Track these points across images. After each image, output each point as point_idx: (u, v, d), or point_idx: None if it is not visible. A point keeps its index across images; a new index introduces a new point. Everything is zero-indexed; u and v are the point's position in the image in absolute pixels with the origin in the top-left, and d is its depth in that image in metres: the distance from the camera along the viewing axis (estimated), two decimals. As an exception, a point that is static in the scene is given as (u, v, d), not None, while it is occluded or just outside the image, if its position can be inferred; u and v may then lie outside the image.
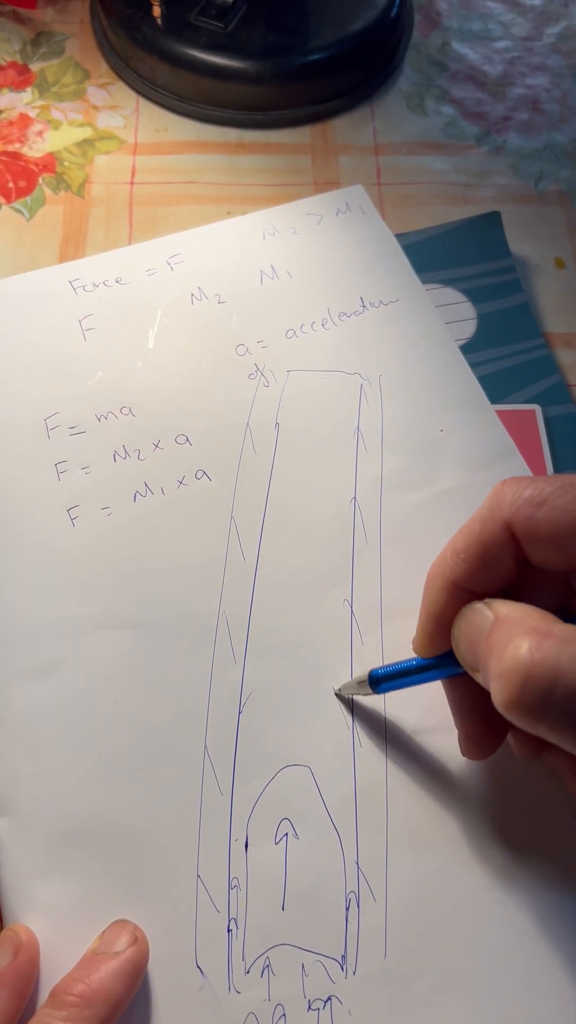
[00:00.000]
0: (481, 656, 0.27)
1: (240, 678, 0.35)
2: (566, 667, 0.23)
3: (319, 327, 0.43)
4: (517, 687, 0.24)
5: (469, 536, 0.29)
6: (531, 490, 0.27)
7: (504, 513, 0.28)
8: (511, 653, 0.24)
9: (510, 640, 0.25)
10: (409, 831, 0.32)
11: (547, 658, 0.24)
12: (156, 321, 0.43)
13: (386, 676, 0.32)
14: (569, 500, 0.27)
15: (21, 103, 0.53)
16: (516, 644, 0.24)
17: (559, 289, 0.48)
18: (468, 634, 0.28)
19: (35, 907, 0.31)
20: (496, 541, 0.28)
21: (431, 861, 0.32)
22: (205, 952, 0.30)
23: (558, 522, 0.27)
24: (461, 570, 0.29)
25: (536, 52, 0.58)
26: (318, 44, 0.53)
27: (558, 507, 0.27)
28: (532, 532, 0.27)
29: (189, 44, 0.52)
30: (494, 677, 0.25)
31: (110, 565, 0.36)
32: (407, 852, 0.32)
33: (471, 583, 0.29)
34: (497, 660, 0.25)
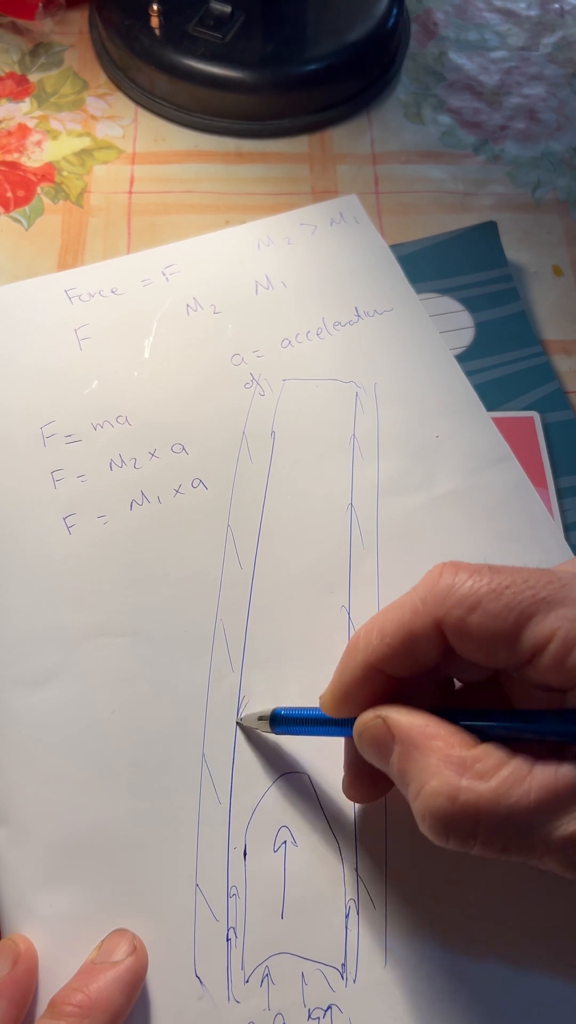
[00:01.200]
0: (394, 774, 0.27)
1: (238, 686, 0.35)
2: (485, 808, 0.24)
3: (314, 336, 0.43)
4: (442, 831, 0.25)
5: (398, 623, 0.28)
6: (465, 589, 0.27)
7: (436, 611, 0.27)
8: (430, 797, 0.25)
9: (425, 775, 0.25)
10: (408, 837, 0.32)
11: (466, 804, 0.24)
12: (152, 331, 0.43)
13: (287, 719, 0.32)
14: (501, 607, 0.26)
15: (20, 113, 0.54)
16: (434, 788, 0.25)
17: (557, 296, 0.48)
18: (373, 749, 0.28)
19: (33, 917, 0.31)
20: (423, 634, 0.27)
21: (431, 868, 0.32)
22: (204, 961, 0.30)
23: (489, 629, 0.26)
24: (382, 653, 0.28)
25: (532, 62, 0.58)
26: (316, 54, 0.54)
27: (490, 613, 0.26)
28: (462, 634, 0.27)
29: (187, 54, 0.52)
30: (416, 813, 0.26)
31: (106, 573, 0.37)
32: (407, 859, 0.32)
33: (390, 667, 0.28)
34: (415, 797, 0.26)
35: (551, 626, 0.25)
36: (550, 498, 0.40)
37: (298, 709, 0.32)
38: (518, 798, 0.24)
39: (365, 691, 0.29)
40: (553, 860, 0.24)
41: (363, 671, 0.28)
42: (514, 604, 0.26)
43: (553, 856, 0.24)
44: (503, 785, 0.24)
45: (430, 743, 0.26)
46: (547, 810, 0.24)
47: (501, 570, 0.27)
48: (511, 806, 0.24)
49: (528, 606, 0.26)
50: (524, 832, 0.24)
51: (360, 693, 0.29)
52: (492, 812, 0.24)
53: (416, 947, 0.31)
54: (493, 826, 0.24)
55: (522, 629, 0.26)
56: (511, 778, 0.24)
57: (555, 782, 0.24)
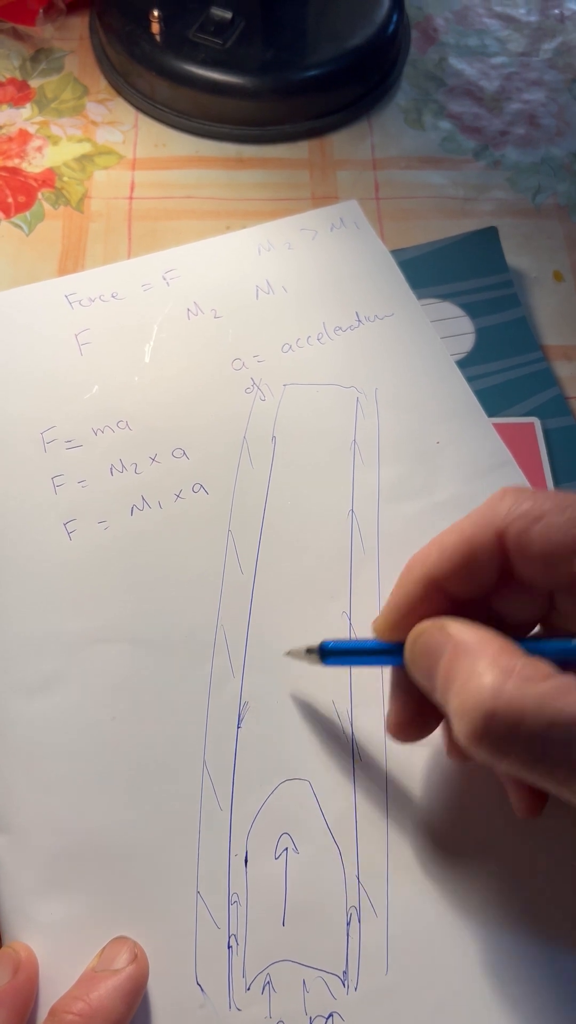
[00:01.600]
0: (439, 683, 0.26)
1: (239, 692, 0.34)
2: (529, 710, 0.23)
3: (315, 341, 0.43)
4: (479, 727, 0.24)
5: (459, 537, 0.28)
6: (529, 504, 0.27)
7: (498, 522, 0.27)
8: (474, 691, 0.24)
9: (472, 674, 0.25)
10: (410, 844, 0.32)
11: (511, 700, 0.24)
12: (152, 336, 0.43)
13: (335, 650, 0.32)
14: (565, 520, 0.26)
15: (20, 119, 0.54)
16: (478, 682, 0.24)
17: (557, 302, 0.48)
18: (424, 657, 0.27)
19: (34, 925, 0.31)
20: (485, 548, 0.28)
21: (432, 875, 0.32)
22: (205, 969, 0.30)
23: (552, 540, 0.26)
24: (442, 569, 0.28)
25: (532, 67, 0.58)
26: (316, 60, 0.54)
27: (553, 525, 0.26)
28: (524, 547, 0.27)
29: (188, 60, 0.52)
30: (455, 711, 0.25)
31: (107, 579, 0.36)
32: (408, 866, 0.32)
33: (449, 583, 0.28)
34: (457, 695, 0.25)
35: None
36: (551, 503, 0.40)
37: (347, 641, 0.32)
38: (564, 706, 0.23)
39: (422, 610, 0.28)
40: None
41: (421, 587, 0.28)
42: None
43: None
44: (550, 692, 0.24)
45: (483, 648, 0.25)
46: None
47: (563, 493, 0.27)
48: (555, 713, 0.23)
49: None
50: (563, 745, 0.23)
51: (417, 612, 0.29)
52: (535, 715, 0.23)
53: (418, 955, 0.30)
54: (533, 733, 0.23)
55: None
56: (559, 688, 0.24)
57: None
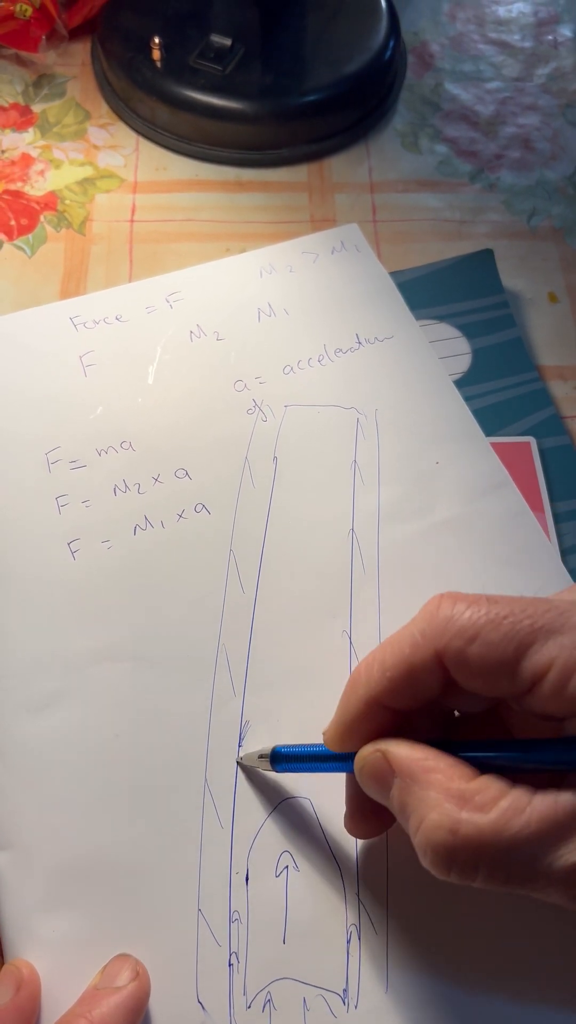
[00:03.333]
0: (395, 809, 0.27)
1: (240, 710, 0.35)
2: (487, 840, 0.24)
3: (316, 363, 0.43)
4: (444, 864, 0.25)
5: (398, 656, 0.28)
6: (464, 620, 0.27)
7: (435, 643, 0.27)
8: (431, 830, 0.25)
9: (426, 809, 0.25)
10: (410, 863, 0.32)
11: (469, 836, 0.24)
12: (156, 357, 0.43)
13: (287, 756, 0.32)
14: (500, 637, 0.26)
15: (23, 143, 0.54)
16: (435, 820, 0.25)
17: (553, 323, 0.49)
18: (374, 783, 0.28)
19: (36, 942, 0.31)
20: (424, 666, 0.27)
21: (432, 892, 0.32)
22: (206, 986, 0.30)
23: (490, 659, 0.26)
24: (383, 687, 0.28)
25: (527, 92, 0.59)
26: (314, 85, 0.54)
27: (490, 643, 0.26)
28: (463, 665, 0.27)
29: (188, 86, 0.53)
30: (417, 847, 0.26)
31: (110, 598, 0.37)
32: (408, 884, 0.32)
33: (392, 700, 0.28)
34: (416, 831, 0.26)
35: (549, 654, 0.25)
36: (547, 522, 0.41)
37: (298, 747, 0.32)
38: (519, 829, 0.24)
39: (367, 725, 0.29)
40: (556, 891, 0.24)
41: (365, 706, 0.28)
42: (512, 634, 0.26)
43: (556, 887, 0.24)
44: (503, 816, 0.24)
45: (429, 776, 0.26)
46: (548, 840, 0.24)
47: (499, 600, 0.27)
48: (512, 837, 0.24)
49: (526, 635, 0.26)
50: (526, 863, 0.24)
51: (363, 728, 0.29)
52: (493, 844, 0.24)
53: (417, 973, 0.31)
54: (495, 858, 0.24)
55: (521, 658, 0.26)
56: (511, 809, 0.24)
57: (554, 811, 0.24)
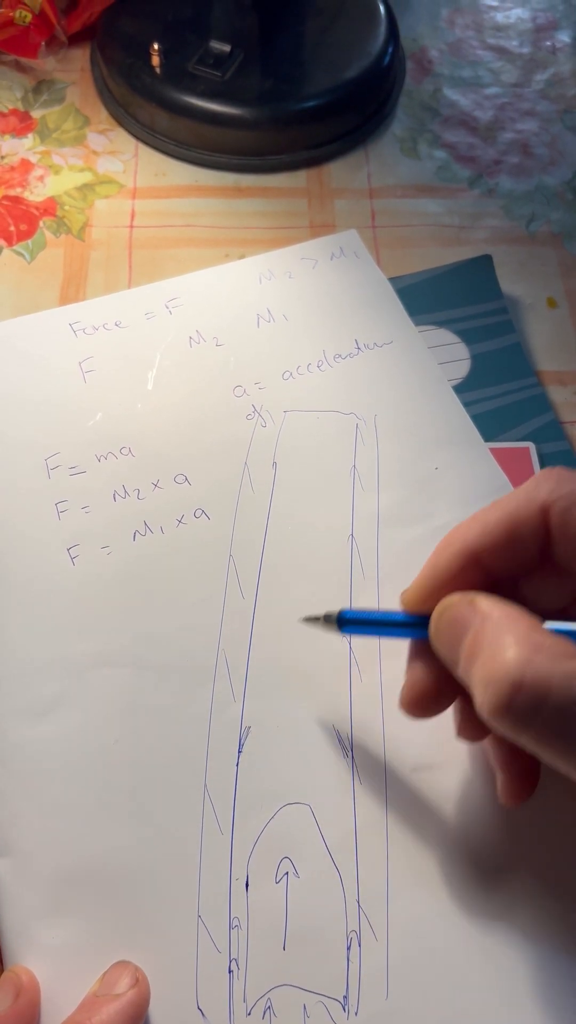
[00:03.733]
0: (463, 655, 0.26)
1: (240, 716, 0.35)
2: (556, 684, 0.23)
3: (315, 369, 0.44)
4: (504, 698, 0.24)
5: (502, 512, 0.28)
6: (573, 485, 0.27)
7: (544, 498, 0.27)
8: (500, 662, 0.24)
9: (500, 647, 0.25)
10: (410, 869, 0.32)
11: (539, 673, 0.24)
12: (155, 363, 0.43)
13: (355, 620, 0.31)
14: None
15: (23, 149, 0.55)
16: (505, 654, 0.24)
17: (552, 328, 0.49)
18: (450, 629, 0.27)
19: (36, 949, 0.31)
20: (528, 524, 0.28)
21: (433, 899, 0.32)
22: (206, 993, 0.30)
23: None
24: (484, 543, 0.28)
25: (525, 98, 0.59)
26: (313, 91, 0.55)
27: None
28: (566, 525, 0.27)
29: (187, 92, 0.53)
30: (479, 682, 0.25)
31: (110, 603, 0.37)
32: (408, 890, 0.32)
33: (489, 558, 0.28)
34: (483, 666, 0.25)
35: None
36: (547, 527, 0.41)
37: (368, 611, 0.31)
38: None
39: (453, 586, 0.28)
40: None
41: (459, 560, 0.28)
42: None
43: None
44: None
45: (512, 623, 0.25)
46: None
47: None
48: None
49: None
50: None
51: (448, 588, 0.28)
52: (563, 689, 0.23)
53: (418, 979, 0.31)
54: (559, 705, 0.23)
55: None
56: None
57: None
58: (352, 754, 0.34)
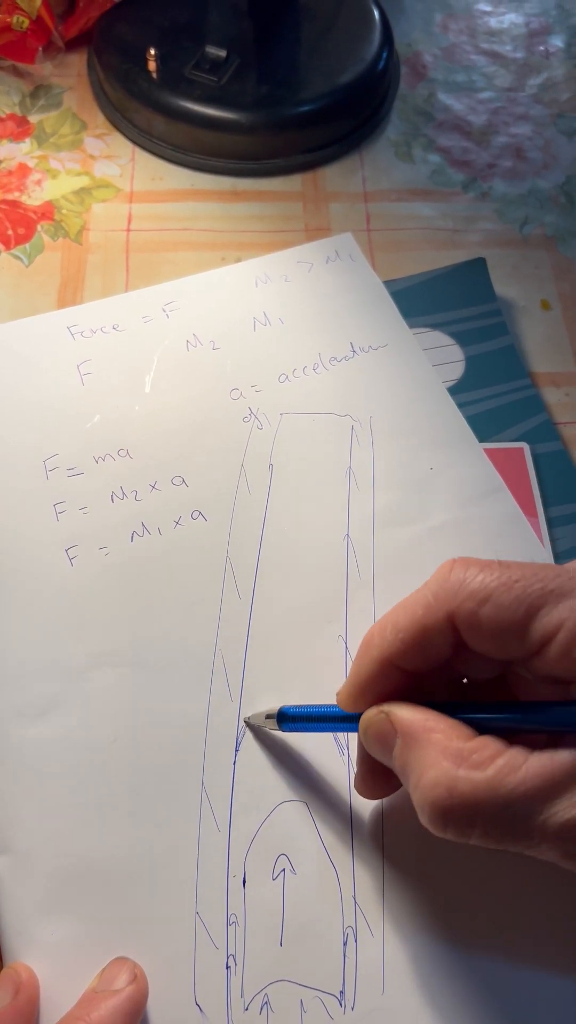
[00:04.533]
0: (396, 767, 0.28)
1: (237, 715, 0.35)
2: (483, 796, 0.25)
3: (311, 371, 0.44)
4: (440, 820, 0.26)
5: (411, 618, 0.29)
6: (476, 583, 0.27)
7: (448, 605, 0.28)
8: (429, 787, 0.26)
9: (424, 767, 0.26)
10: (406, 865, 0.33)
11: (465, 793, 0.25)
12: (152, 366, 0.44)
13: (295, 716, 0.32)
14: (511, 599, 0.27)
15: (20, 153, 0.55)
16: (432, 777, 0.26)
17: (545, 330, 0.49)
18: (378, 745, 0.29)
19: (35, 945, 0.31)
20: (436, 629, 0.28)
21: (428, 895, 0.32)
22: (204, 989, 0.30)
23: (500, 620, 0.27)
24: (396, 648, 0.29)
25: (519, 102, 0.60)
26: (308, 96, 0.55)
27: (501, 605, 0.27)
28: (474, 627, 0.27)
29: (183, 96, 0.54)
30: (415, 803, 0.26)
31: (108, 604, 0.37)
32: (404, 886, 0.32)
33: (404, 661, 0.29)
34: (415, 789, 0.26)
35: (559, 617, 0.26)
36: (540, 527, 0.41)
37: (305, 707, 0.32)
38: (514, 785, 0.24)
39: (379, 686, 0.29)
40: (551, 848, 0.25)
41: (378, 666, 0.29)
42: (524, 596, 0.27)
43: (550, 844, 0.24)
44: (499, 773, 0.25)
45: (429, 736, 0.27)
46: (543, 796, 0.24)
47: (511, 565, 0.28)
48: (507, 794, 0.24)
49: (537, 598, 0.26)
50: (521, 819, 0.24)
51: (375, 688, 0.29)
52: (489, 800, 0.25)
53: (414, 974, 0.31)
54: (490, 814, 0.25)
55: (531, 620, 0.26)
56: (507, 766, 0.25)
57: (550, 768, 0.24)
58: (348, 752, 0.34)
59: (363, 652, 0.30)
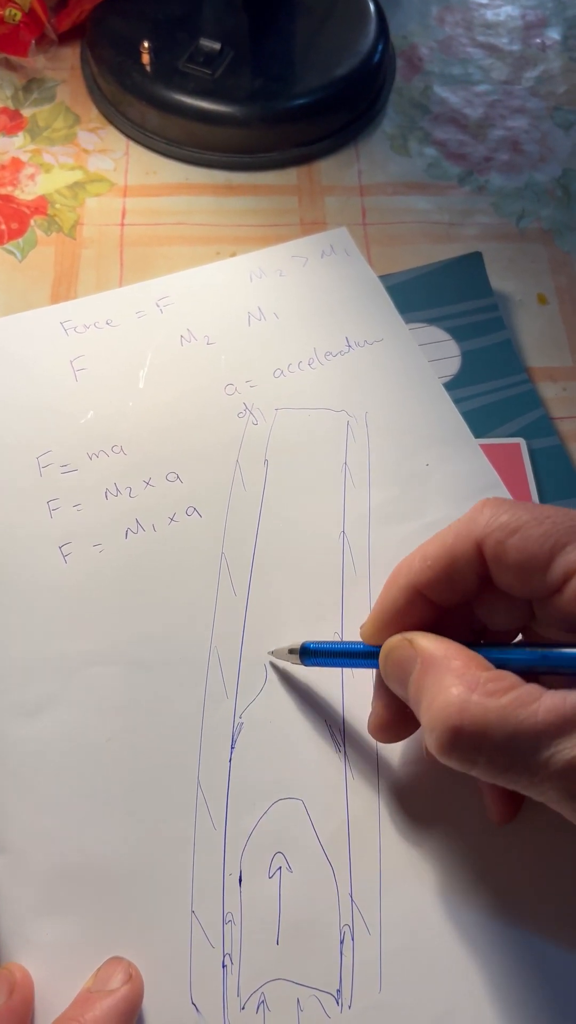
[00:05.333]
0: (411, 695, 0.28)
1: (232, 712, 0.35)
2: (493, 724, 0.25)
3: (306, 366, 0.44)
4: (448, 742, 0.25)
5: (440, 546, 0.29)
6: (507, 516, 0.28)
7: (477, 533, 0.29)
8: (441, 707, 0.26)
9: (439, 689, 0.26)
10: (402, 862, 0.33)
11: (476, 715, 0.25)
12: (146, 362, 0.43)
13: (317, 651, 0.33)
14: (541, 533, 0.27)
15: (13, 147, 0.55)
16: (445, 698, 0.26)
17: (542, 324, 0.49)
18: (396, 670, 0.29)
19: (30, 945, 0.31)
20: (464, 557, 0.29)
21: (425, 892, 0.32)
22: (200, 988, 0.30)
23: (527, 551, 0.27)
24: (425, 577, 0.30)
25: (515, 95, 0.59)
26: (303, 89, 0.55)
27: (530, 537, 0.27)
28: (501, 557, 0.28)
29: (177, 90, 0.53)
30: (425, 726, 0.26)
31: (102, 601, 0.37)
32: (401, 884, 0.32)
33: (430, 591, 0.30)
34: (426, 710, 0.26)
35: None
36: (538, 523, 0.41)
37: (328, 643, 0.33)
38: (525, 716, 0.25)
39: (404, 618, 0.30)
40: (552, 787, 0.25)
41: (405, 595, 0.30)
42: (552, 532, 0.27)
43: (552, 782, 0.24)
44: (513, 703, 0.25)
45: (448, 663, 0.27)
46: (552, 732, 0.24)
47: (543, 505, 0.29)
48: (518, 723, 0.25)
49: (565, 534, 0.27)
50: (528, 752, 0.25)
51: (400, 620, 0.30)
52: (499, 727, 0.25)
53: (411, 972, 0.31)
54: (498, 742, 0.25)
55: (556, 555, 0.27)
56: (521, 698, 0.25)
57: (563, 707, 0.25)
58: (344, 749, 0.34)
59: (390, 582, 0.31)
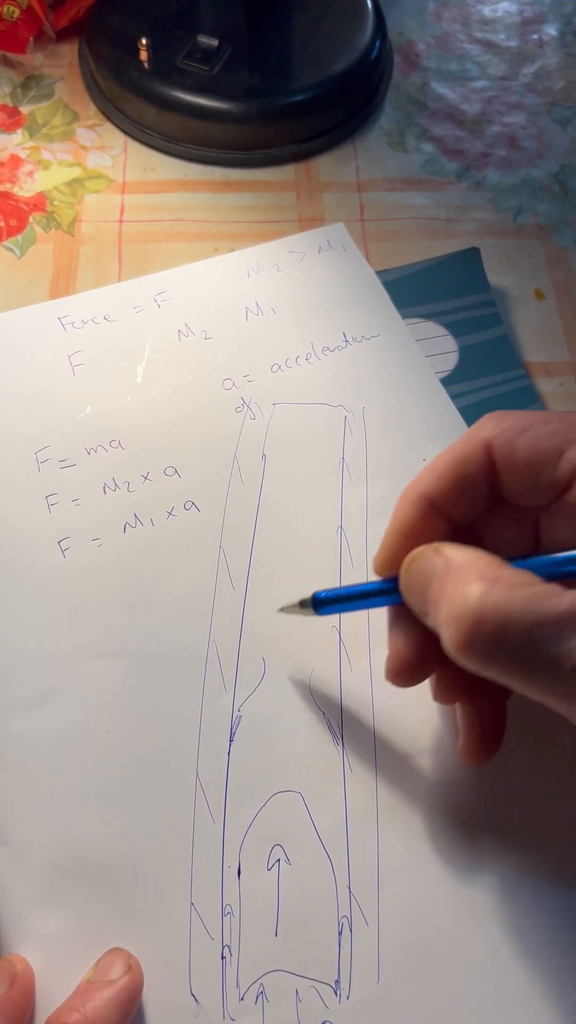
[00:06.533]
0: (431, 601, 0.27)
1: (231, 706, 0.35)
2: (516, 612, 0.24)
3: (303, 361, 0.44)
4: (468, 632, 0.25)
5: (449, 455, 0.29)
6: (514, 419, 0.29)
7: (486, 435, 0.29)
8: (462, 599, 0.25)
9: (461, 586, 0.26)
10: (401, 854, 0.33)
11: (498, 604, 0.24)
12: (144, 357, 0.44)
13: (329, 599, 0.32)
14: (550, 431, 0.28)
15: (11, 144, 0.55)
16: (467, 590, 0.25)
17: (539, 320, 0.49)
18: (418, 579, 0.28)
19: (30, 937, 0.31)
20: (474, 461, 0.29)
21: (423, 884, 0.32)
22: (199, 979, 0.30)
23: (536, 447, 0.28)
24: (436, 487, 0.29)
25: (512, 91, 0.60)
26: (301, 85, 0.55)
27: (538, 435, 0.28)
28: (510, 456, 0.28)
29: (175, 86, 0.54)
30: (445, 622, 0.26)
31: (100, 596, 0.37)
32: (399, 875, 0.32)
33: (442, 501, 0.30)
34: (448, 605, 0.26)
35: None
36: (535, 518, 0.41)
37: (339, 588, 0.32)
38: (550, 606, 0.24)
39: (418, 537, 0.30)
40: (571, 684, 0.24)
41: (418, 509, 0.30)
42: (560, 429, 0.28)
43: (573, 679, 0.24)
44: (535, 596, 0.24)
45: (472, 564, 0.26)
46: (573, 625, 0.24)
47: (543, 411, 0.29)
48: (542, 612, 0.24)
49: (572, 430, 0.27)
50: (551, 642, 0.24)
51: (413, 540, 0.30)
52: (522, 616, 0.24)
53: (408, 963, 0.31)
54: (520, 631, 0.24)
55: (566, 449, 0.27)
56: (544, 591, 0.24)
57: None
58: (342, 741, 0.34)
59: (402, 499, 0.30)
